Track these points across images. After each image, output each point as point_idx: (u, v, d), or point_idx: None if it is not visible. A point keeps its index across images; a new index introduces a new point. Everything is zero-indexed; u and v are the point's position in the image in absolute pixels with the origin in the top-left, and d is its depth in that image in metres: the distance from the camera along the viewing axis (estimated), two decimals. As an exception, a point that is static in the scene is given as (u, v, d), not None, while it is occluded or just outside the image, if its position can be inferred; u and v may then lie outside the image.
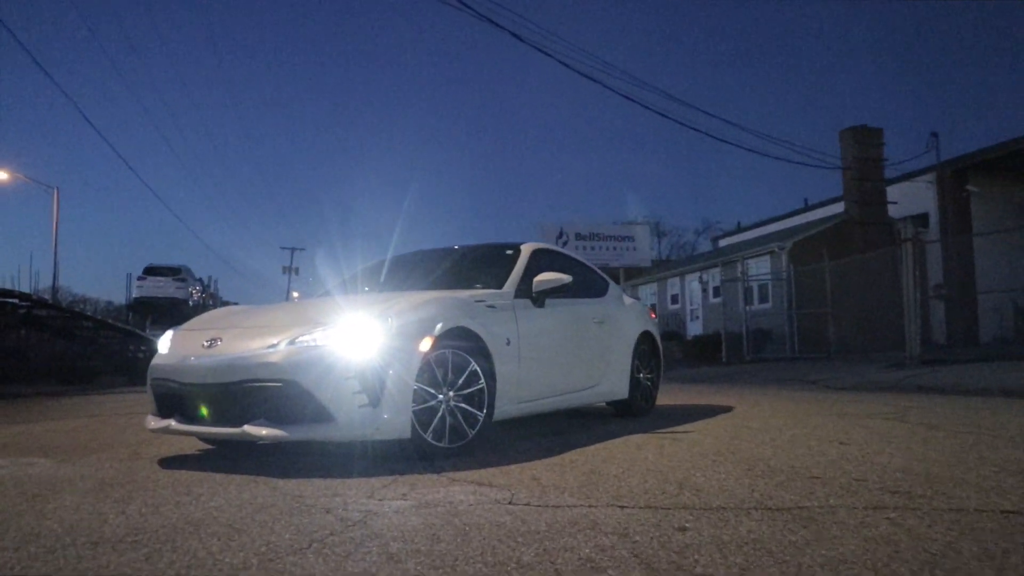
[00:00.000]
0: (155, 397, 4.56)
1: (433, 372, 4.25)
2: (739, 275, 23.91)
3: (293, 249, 53.02)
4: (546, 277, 5.26)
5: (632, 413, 6.62)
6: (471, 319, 4.54)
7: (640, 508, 2.88)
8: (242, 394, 4.04)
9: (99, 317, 25.27)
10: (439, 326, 4.27)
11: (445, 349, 4.31)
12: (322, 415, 3.93)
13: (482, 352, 4.56)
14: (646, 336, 6.88)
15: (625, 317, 6.68)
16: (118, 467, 4.30)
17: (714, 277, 26.90)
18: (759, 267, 24.61)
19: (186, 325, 5.01)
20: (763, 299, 24.10)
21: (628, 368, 6.46)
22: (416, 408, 4.12)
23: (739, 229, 36.60)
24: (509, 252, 5.70)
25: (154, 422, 4.48)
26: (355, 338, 4.04)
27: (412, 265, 6.14)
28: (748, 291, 23.07)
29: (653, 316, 7.52)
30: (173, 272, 36.36)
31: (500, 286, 5.19)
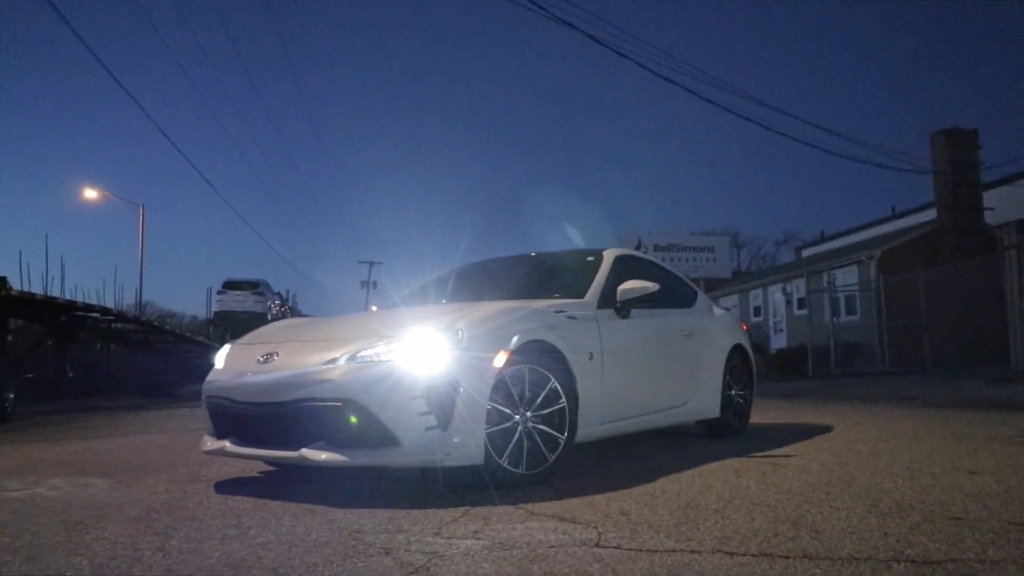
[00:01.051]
0: (210, 416, 4.27)
1: (508, 390, 3.85)
2: (825, 285, 22.97)
3: (371, 263, 53.45)
4: (631, 285, 4.82)
5: (724, 433, 6.11)
6: (550, 331, 4.14)
7: (752, 556, 2.42)
8: (299, 414, 3.71)
9: (178, 331, 25.62)
10: (515, 339, 3.87)
11: (522, 365, 3.91)
12: (386, 438, 3.56)
13: (563, 368, 4.15)
14: (738, 350, 6.36)
15: (715, 329, 6.18)
16: (173, 491, 4.02)
17: (798, 288, 25.98)
18: (846, 277, 23.63)
19: (244, 338, 4.72)
20: (850, 311, 23.15)
21: (719, 385, 5.96)
22: (490, 430, 3.72)
23: (823, 239, 35.44)
24: (590, 259, 5.28)
25: (209, 443, 4.19)
26: (422, 353, 3.67)
27: (484, 274, 5.76)
28: (835, 302, 22.13)
29: (744, 328, 6.99)
30: (252, 286, 36.83)
31: (581, 295, 4.77)
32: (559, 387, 4.05)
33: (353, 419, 3.58)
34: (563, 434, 4.04)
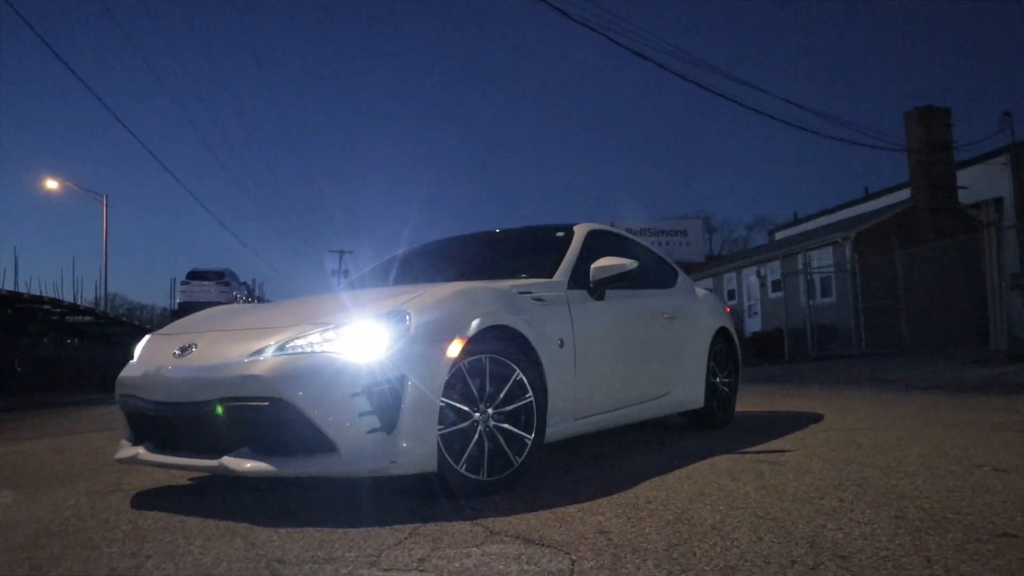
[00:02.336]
0: (125, 417, 3.69)
1: (466, 384, 3.31)
2: (800, 267, 22.63)
3: (342, 252, 52.63)
4: (606, 263, 4.28)
5: (708, 425, 5.61)
6: (514, 315, 3.59)
7: (768, 593, 1.90)
8: (219, 416, 3.15)
9: (138, 323, 24.80)
10: (473, 325, 3.32)
11: (481, 355, 3.37)
12: (320, 443, 3.01)
13: (529, 357, 3.62)
14: (722, 333, 5.85)
15: (698, 311, 5.67)
16: (82, 506, 3.45)
17: (773, 271, 25.63)
18: (821, 259, 23.31)
19: (166, 328, 4.14)
20: (826, 293, 22.84)
21: (703, 372, 5.44)
22: (444, 431, 3.19)
23: (796, 221, 35.18)
24: (560, 234, 4.73)
25: (123, 450, 3.61)
26: (362, 342, 3.12)
27: (443, 254, 5.20)
28: (810, 285, 21.79)
29: (728, 310, 6.49)
30: (217, 276, 35.96)
31: (550, 275, 4.23)
32: (525, 379, 3.51)
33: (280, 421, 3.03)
34: (530, 433, 3.51)
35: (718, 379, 5.71)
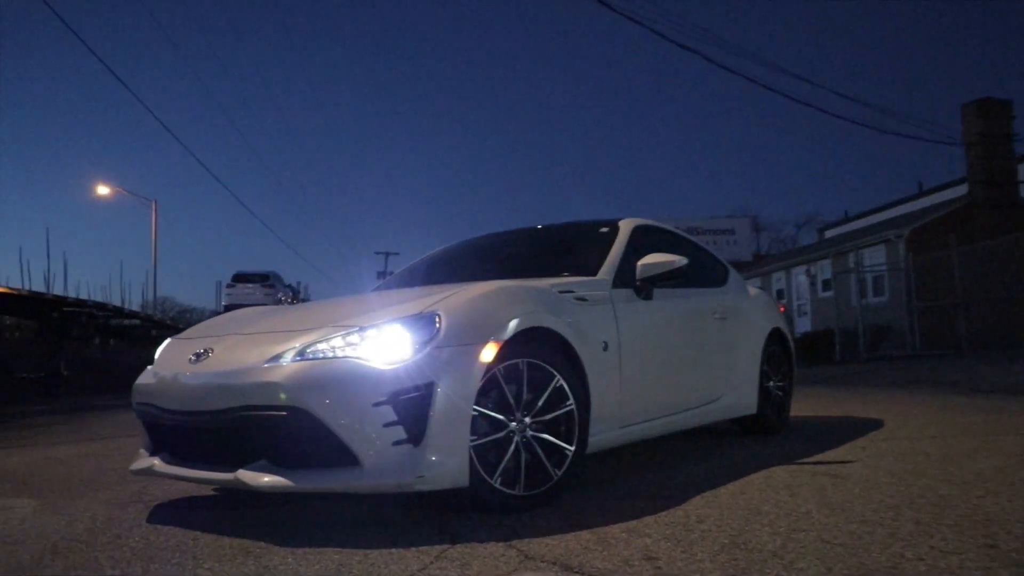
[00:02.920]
0: (144, 426, 3.50)
1: (502, 391, 3.06)
2: (852, 266, 22.01)
3: (387, 254, 52.74)
4: (654, 260, 4.00)
5: (761, 431, 5.29)
6: (554, 316, 3.34)
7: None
8: (235, 426, 2.94)
9: (181, 325, 24.96)
10: (509, 327, 3.07)
11: (518, 359, 3.12)
12: (342, 456, 2.79)
13: (570, 361, 3.36)
14: (776, 335, 5.52)
15: (751, 311, 5.35)
16: (99, 518, 3.29)
17: (823, 269, 25.01)
18: (873, 257, 22.65)
19: (186, 332, 3.95)
20: (878, 292, 22.19)
21: (757, 375, 5.13)
22: (477, 443, 2.94)
23: (846, 219, 34.36)
24: (604, 230, 4.45)
25: (140, 460, 3.42)
26: (388, 346, 2.88)
27: (480, 251, 4.96)
28: (862, 284, 21.18)
29: (782, 310, 6.15)
30: (261, 278, 36.15)
31: (593, 273, 3.96)
32: (566, 385, 3.25)
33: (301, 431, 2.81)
34: (571, 444, 3.24)
35: (772, 383, 5.39)
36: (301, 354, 2.94)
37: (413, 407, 2.79)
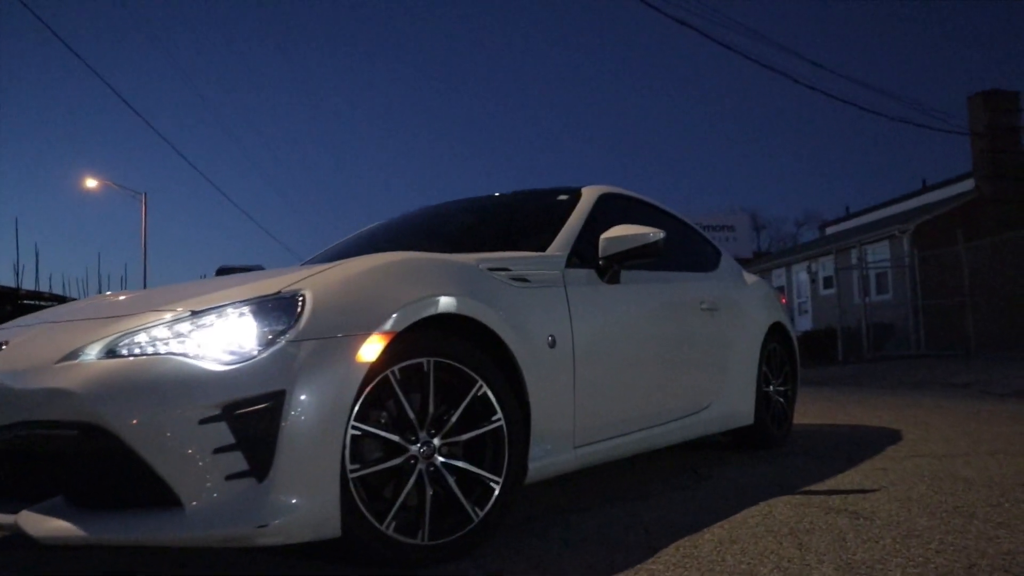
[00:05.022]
0: None
1: (397, 402, 2.21)
2: (855, 263, 21.15)
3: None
4: (621, 232, 3.13)
5: (759, 445, 4.42)
6: (477, 300, 2.47)
7: None
8: (17, 449, 2.09)
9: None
10: (404, 313, 2.22)
11: (422, 357, 2.26)
12: (158, 494, 1.94)
13: (500, 361, 2.51)
14: (776, 330, 4.64)
15: (747, 302, 4.47)
16: None
17: (824, 267, 24.13)
18: (876, 254, 21.78)
19: (8, 322, 3.08)
20: (881, 290, 21.32)
21: (754, 378, 4.26)
22: (360, 473, 2.09)
23: (848, 215, 33.47)
24: (563, 198, 3.59)
25: None
26: (228, 339, 2.03)
27: (420, 226, 4.07)
28: (865, 281, 20.33)
29: (784, 301, 5.28)
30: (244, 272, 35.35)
31: (543, 248, 3.10)
32: (491, 394, 2.39)
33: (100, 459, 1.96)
34: (498, 474, 2.39)
35: (771, 387, 4.52)
36: (110, 349, 2.08)
37: (256, 426, 1.94)
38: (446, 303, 2.34)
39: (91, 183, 32.26)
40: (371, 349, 2.10)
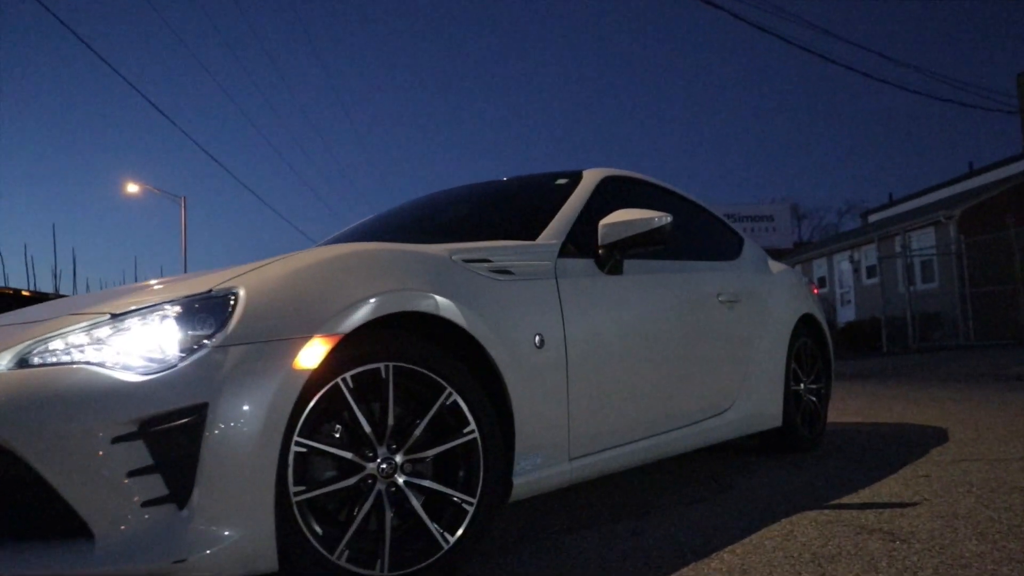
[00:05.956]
0: None
1: (351, 413, 1.94)
2: (899, 251, 20.49)
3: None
4: (621, 218, 2.82)
5: (789, 448, 4.08)
6: (446, 297, 2.17)
7: None
8: None
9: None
10: (358, 312, 1.94)
11: (379, 362, 1.98)
12: (66, 524, 1.69)
13: (476, 365, 2.22)
14: (807, 323, 4.29)
15: (774, 292, 4.12)
16: None
17: (867, 256, 23.45)
18: (921, 241, 21.08)
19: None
20: (927, 278, 20.65)
21: (782, 376, 3.91)
22: (305, 496, 1.82)
23: (891, 203, 32.63)
24: (562, 182, 3.28)
25: None
26: (148, 345, 1.77)
27: (413, 217, 3.78)
28: (910, 269, 19.69)
29: (816, 291, 4.91)
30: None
31: (533, 236, 2.80)
32: (462, 402, 2.10)
33: None
34: (471, 494, 2.09)
35: (802, 385, 4.17)
36: (22, 359, 1.83)
37: (176, 444, 1.67)
38: (403, 299, 2.05)
39: (132, 188, 32.69)
40: (312, 354, 1.82)
